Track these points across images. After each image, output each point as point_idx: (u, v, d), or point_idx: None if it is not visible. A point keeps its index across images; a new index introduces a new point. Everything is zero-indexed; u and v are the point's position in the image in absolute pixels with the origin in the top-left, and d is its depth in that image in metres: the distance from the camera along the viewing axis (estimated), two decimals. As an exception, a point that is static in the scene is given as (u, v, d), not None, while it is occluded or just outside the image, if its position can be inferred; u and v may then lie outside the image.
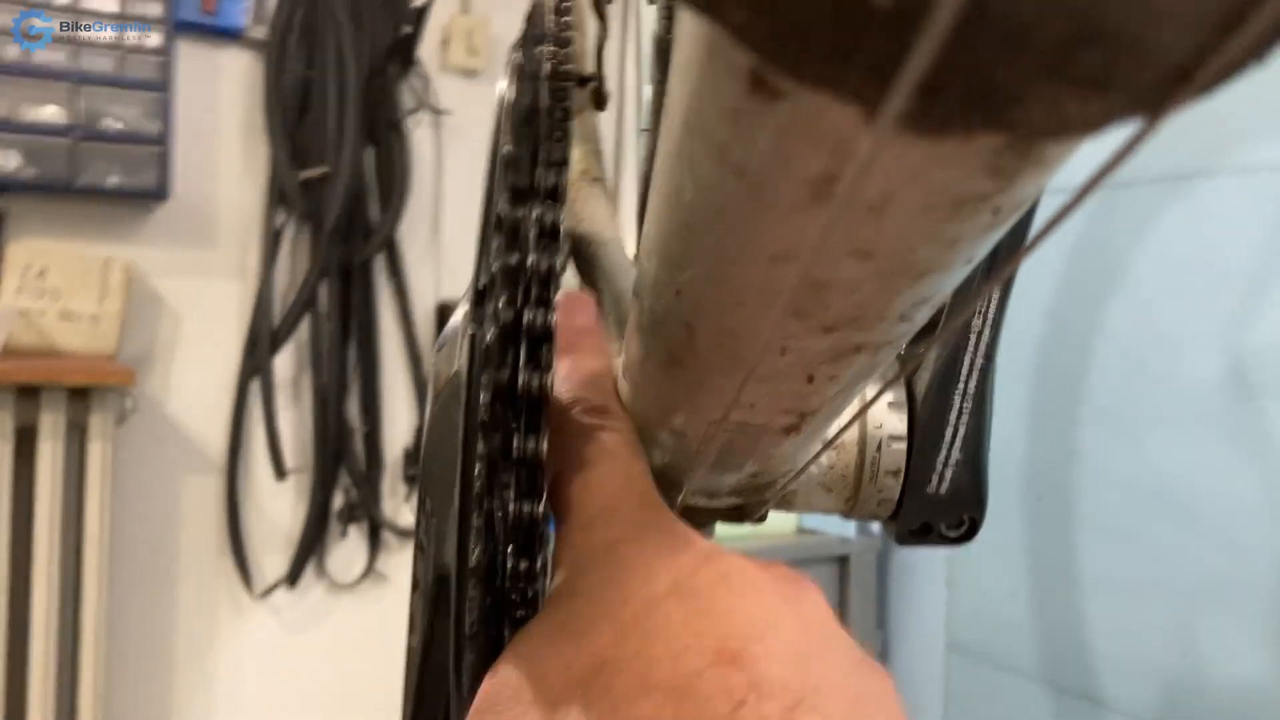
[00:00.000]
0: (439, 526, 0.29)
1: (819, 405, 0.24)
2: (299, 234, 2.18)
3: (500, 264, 0.27)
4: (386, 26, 2.18)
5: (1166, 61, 0.10)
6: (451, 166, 2.34)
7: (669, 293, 0.21)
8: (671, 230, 0.19)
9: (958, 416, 0.38)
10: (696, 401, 0.25)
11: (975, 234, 0.15)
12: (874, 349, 0.20)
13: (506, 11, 2.37)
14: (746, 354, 0.21)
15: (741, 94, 0.13)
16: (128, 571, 2.03)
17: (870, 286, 0.17)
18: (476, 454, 0.26)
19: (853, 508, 0.39)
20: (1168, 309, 1.50)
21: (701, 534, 0.41)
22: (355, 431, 2.23)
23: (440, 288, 2.33)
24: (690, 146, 0.16)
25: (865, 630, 1.94)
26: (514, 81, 0.30)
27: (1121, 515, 1.56)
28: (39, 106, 1.85)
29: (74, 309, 1.90)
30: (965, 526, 0.39)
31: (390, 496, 2.30)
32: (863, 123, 0.12)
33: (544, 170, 0.35)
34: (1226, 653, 1.43)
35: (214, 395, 2.13)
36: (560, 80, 0.40)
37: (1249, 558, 1.39)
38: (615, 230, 0.48)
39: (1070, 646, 1.64)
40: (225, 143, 2.15)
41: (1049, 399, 1.67)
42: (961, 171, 0.13)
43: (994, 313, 0.38)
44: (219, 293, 2.15)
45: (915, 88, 0.11)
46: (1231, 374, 1.41)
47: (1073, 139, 0.12)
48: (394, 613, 2.28)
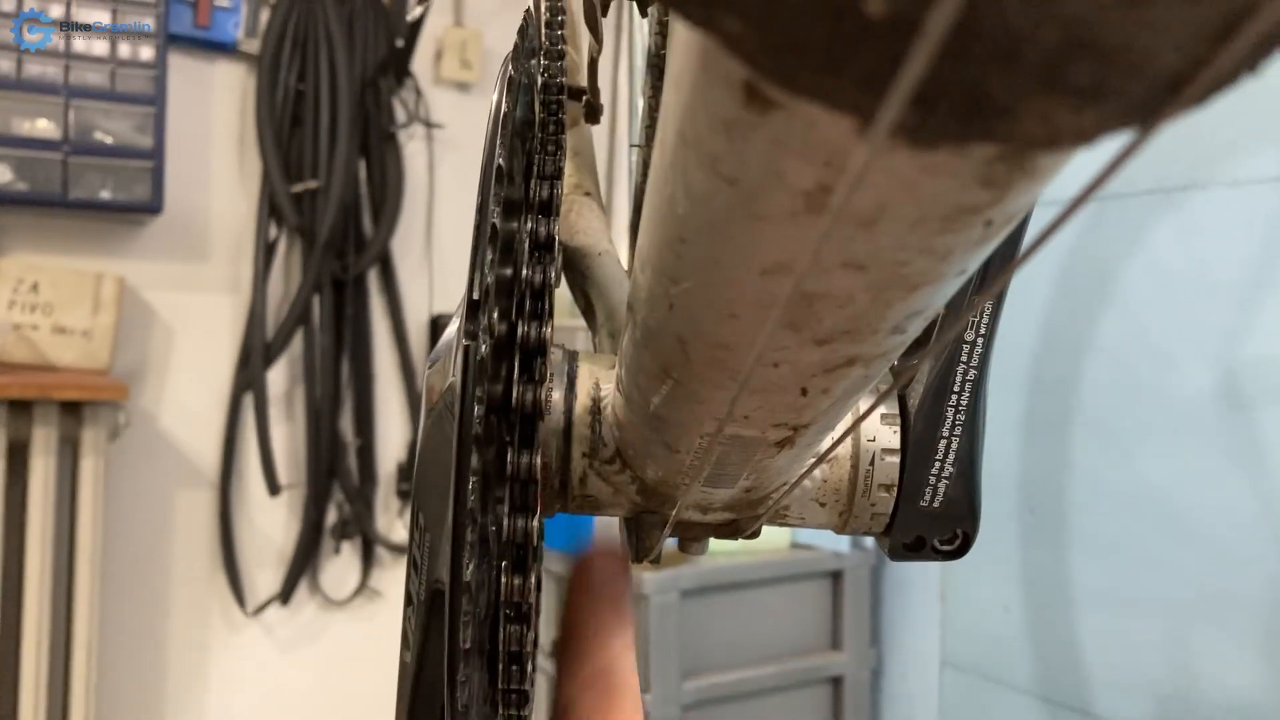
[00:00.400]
0: (433, 542, 0.28)
1: (812, 418, 0.24)
2: (292, 247, 2.18)
3: (494, 277, 0.27)
4: (380, 39, 2.19)
5: (1159, 72, 0.10)
6: (445, 180, 2.34)
7: (662, 306, 0.21)
8: (664, 243, 0.19)
9: (950, 429, 0.38)
10: (690, 414, 0.25)
11: (968, 246, 0.15)
12: (867, 361, 0.20)
13: (500, 24, 2.37)
14: (739, 367, 0.21)
15: (735, 105, 0.13)
16: (120, 587, 2.02)
17: (863, 299, 0.17)
18: (470, 468, 0.26)
19: (846, 522, 0.39)
20: (1159, 321, 1.50)
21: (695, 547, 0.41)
22: (349, 446, 2.23)
23: (434, 301, 2.33)
24: (683, 158, 0.16)
25: (859, 646, 1.94)
26: (507, 94, 0.30)
27: (1114, 528, 1.56)
28: (31, 120, 1.85)
29: (67, 323, 1.89)
30: (958, 541, 0.39)
31: (384, 512, 2.29)
32: (856, 134, 0.12)
33: (537, 183, 0.35)
34: (1220, 666, 1.42)
35: (207, 410, 2.13)
36: (553, 93, 0.40)
37: (1242, 570, 1.39)
38: (609, 243, 0.48)
39: (1064, 660, 1.64)
40: (218, 156, 2.15)
41: (1041, 412, 1.67)
42: (954, 183, 0.13)
43: (987, 325, 0.38)
44: (212, 307, 2.15)
45: (908, 99, 0.11)
46: (1224, 386, 1.42)
47: (1065, 150, 0.12)
48: (387, 629, 2.27)
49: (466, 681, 0.27)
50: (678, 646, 1.74)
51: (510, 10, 2.29)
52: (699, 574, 1.77)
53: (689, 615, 1.77)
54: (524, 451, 0.31)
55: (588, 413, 0.37)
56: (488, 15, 2.37)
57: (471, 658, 0.27)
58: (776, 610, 1.89)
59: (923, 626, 1.94)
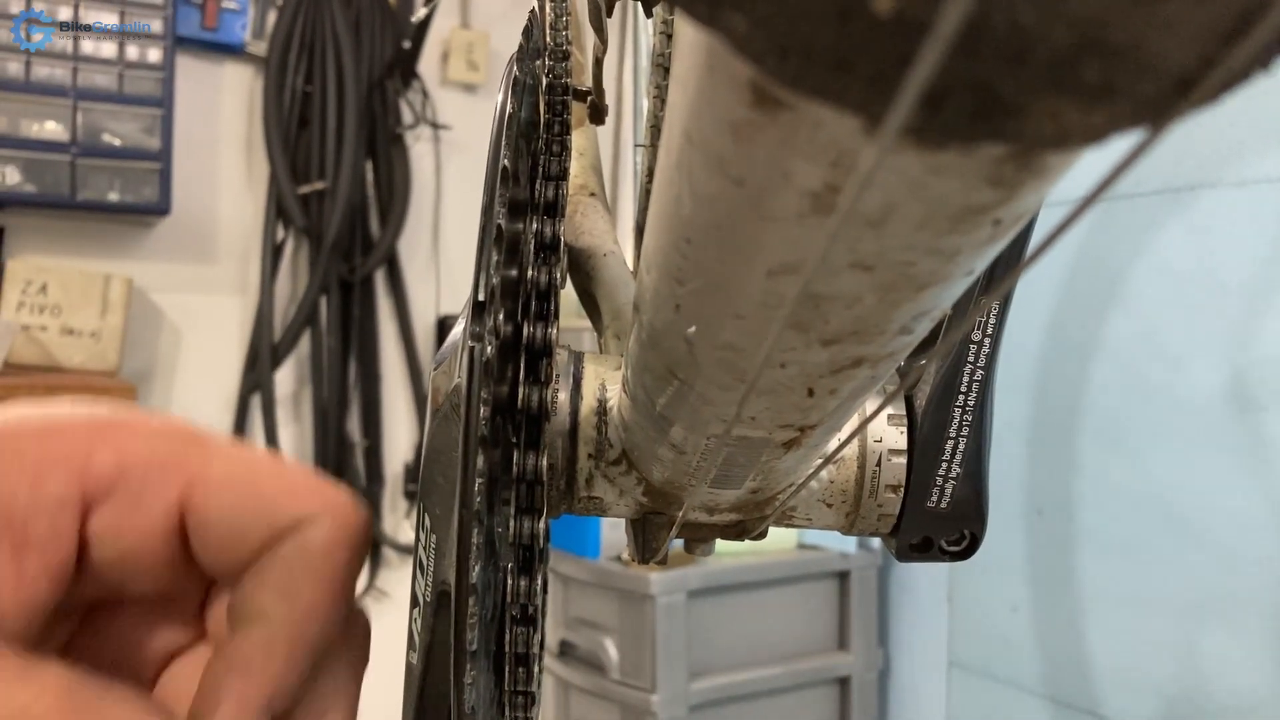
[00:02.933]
0: (439, 543, 0.28)
1: (819, 419, 0.24)
2: (299, 249, 2.19)
3: (499, 278, 0.27)
4: (386, 41, 2.19)
5: (1169, 71, 0.10)
6: (451, 181, 2.34)
7: (668, 307, 0.21)
8: (670, 244, 0.19)
9: (958, 430, 0.38)
10: (696, 416, 0.25)
11: (976, 246, 0.15)
12: (874, 362, 0.20)
13: (507, 26, 2.37)
14: (746, 368, 0.21)
15: (742, 106, 0.13)
16: (127, 588, 2.03)
17: (870, 299, 0.17)
18: (476, 470, 0.25)
19: (853, 523, 0.39)
20: (1168, 321, 1.50)
21: (701, 548, 0.41)
22: (356, 447, 2.23)
23: (440, 302, 2.34)
24: (689, 159, 0.15)
25: (866, 647, 1.93)
26: (512, 95, 0.30)
27: (1122, 529, 1.56)
28: (40, 122, 1.85)
29: (75, 325, 1.90)
30: (966, 541, 0.39)
31: (391, 513, 2.30)
32: (864, 134, 0.12)
33: (542, 184, 0.35)
34: (1228, 667, 1.42)
35: (214, 411, 2.13)
36: (558, 94, 0.40)
37: (1250, 571, 1.39)
38: (614, 244, 0.48)
39: (1072, 661, 1.63)
40: (225, 158, 2.16)
41: (1049, 412, 1.67)
42: (963, 183, 0.13)
43: (994, 326, 0.38)
44: (219, 308, 2.15)
45: (917, 99, 0.10)
46: (1232, 387, 1.41)
47: (1074, 150, 0.12)
48: (394, 630, 2.26)
49: (473, 683, 0.27)
50: (685, 647, 1.74)
51: (517, 12, 2.29)
52: (706, 575, 1.77)
53: (696, 616, 1.77)
54: (530, 453, 0.31)
55: (594, 414, 0.37)
56: (495, 17, 2.38)
57: (478, 659, 0.27)
58: (783, 611, 1.88)
59: (930, 627, 1.94)
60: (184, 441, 0.25)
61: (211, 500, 0.25)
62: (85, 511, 0.24)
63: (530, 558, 0.31)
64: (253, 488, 0.25)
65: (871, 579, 1.96)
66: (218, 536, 0.25)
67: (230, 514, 0.25)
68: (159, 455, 0.25)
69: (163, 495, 0.24)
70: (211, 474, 0.25)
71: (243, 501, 0.25)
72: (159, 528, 0.24)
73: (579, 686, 1.85)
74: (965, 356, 0.38)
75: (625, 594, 1.76)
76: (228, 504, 0.25)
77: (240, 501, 0.25)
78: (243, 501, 0.25)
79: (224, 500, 0.25)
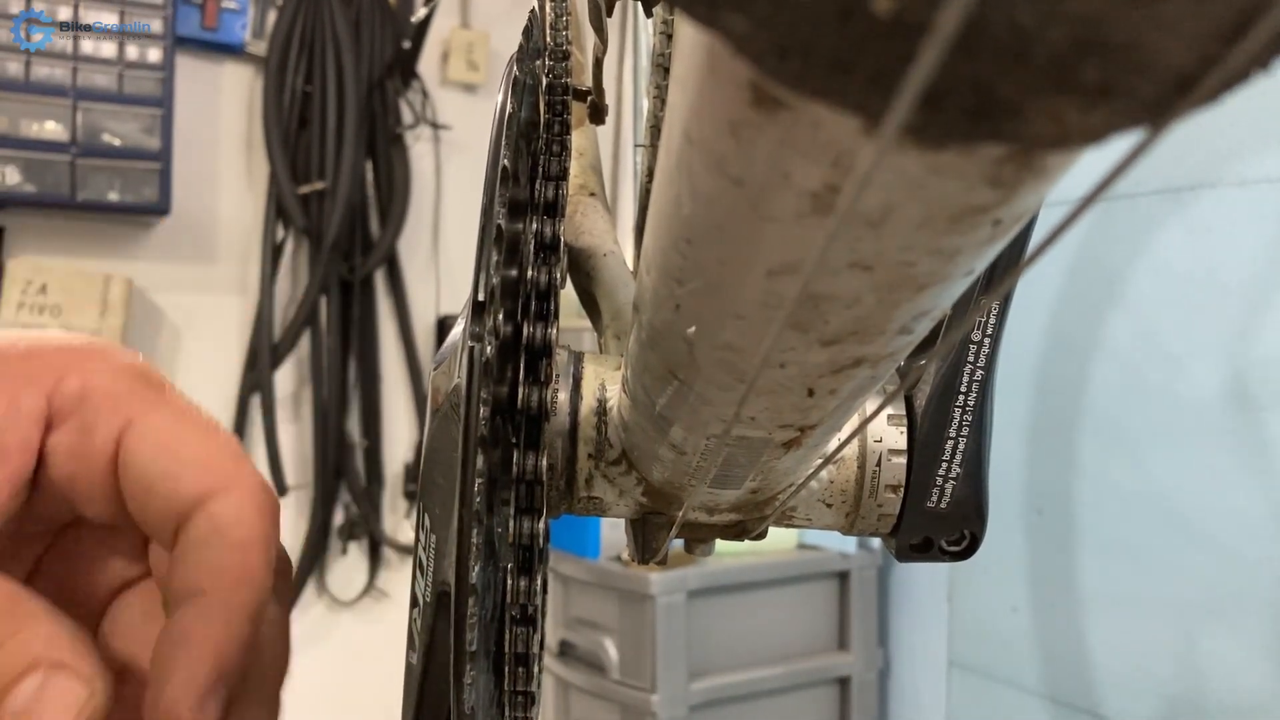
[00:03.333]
0: (439, 543, 0.28)
1: (819, 419, 0.24)
2: (299, 249, 2.18)
3: (499, 278, 0.27)
4: (386, 41, 2.19)
5: (1168, 71, 0.10)
6: (451, 181, 2.34)
7: (668, 307, 0.21)
8: (670, 244, 0.19)
9: (957, 430, 0.38)
10: (696, 416, 0.25)
11: (976, 246, 0.15)
12: (874, 362, 0.20)
13: (507, 26, 2.37)
14: (746, 368, 0.21)
15: (741, 106, 0.13)
16: (127, 588, 2.03)
17: (870, 299, 0.17)
18: (476, 470, 0.25)
19: (853, 523, 0.39)
20: (1168, 322, 1.50)
21: (701, 549, 0.41)
22: (355, 447, 2.23)
23: (440, 302, 2.33)
24: (689, 159, 0.15)
25: (866, 647, 1.93)
26: (512, 95, 0.30)
27: (1122, 529, 1.55)
28: (39, 122, 1.85)
29: (75, 324, 1.90)
30: (965, 541, 0.39)
31: (391, 513, 2.29)
32: (863, 134, 0.12)
33: (542, 184, 0.35)
34: (1228, 667, 1.42)
35: (214, 411, 2.11)
36: (558, 94, 0.40)
37: (1250, 572, 1.39)
38: (614, 244, 0.48)
39: (1072, 661, 1.63)
40: (225, 158, 2.16)
41: (1048, 412, 1.67)
42: (962, 183, 0.13)
43: (993, 326, 0.38)
44: (219, 308, 2.15)
45: (916, 99, 0.10)
46: (1232, 387, 1.41)
47: (1074, 150, 0.12)
48: (394, 630, 2.27)
49: (473, 683, 0.27)
50: (685, 647, 1.74)
51: (517, 12, 2.29)
52: (706, 575, 1.77)
53: (696, 616, 1.77)
54: (529, 453, 0.31)
55: (593, 414, 0.37)
56: (495, 17, 2.37)
57: (478, 659, 0.27)
58: (783, 611, 1.88)
59: (930, 627, 1.94)
60: (143, 384, 0.27)
61: (134, 445, 0.26)
62: (47, 429, 0.26)
63: (530, 558, 0.31)
64: (172, 451, 0.26)
65: (871, 579, 1.96)
66: (131, 481, 0.26)
67: (146, 466, 0.26)
68: (116, 388, 0.26)
69: (109, 425, 0.26)
70: (148, 422, 0.26)
71: (159, 458, 0.26)
72: (102, 455, 0.26)
73: (579, 686, 1.85)
74: (965, 356, 0.38)
75: (625, 594, 1.76)
76: (147, 456, 0.26)
77: (157, 457, 0.26)
78: (159, 458, 0.26)
79: (144, 450, 0.26)
